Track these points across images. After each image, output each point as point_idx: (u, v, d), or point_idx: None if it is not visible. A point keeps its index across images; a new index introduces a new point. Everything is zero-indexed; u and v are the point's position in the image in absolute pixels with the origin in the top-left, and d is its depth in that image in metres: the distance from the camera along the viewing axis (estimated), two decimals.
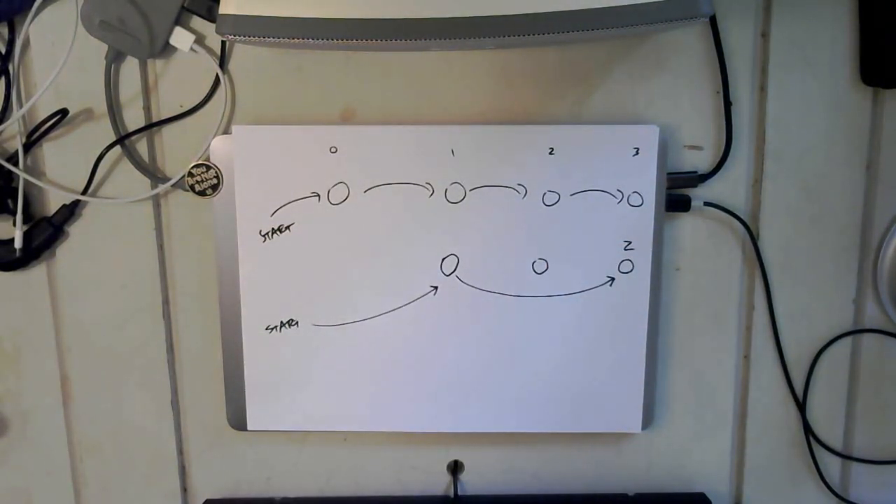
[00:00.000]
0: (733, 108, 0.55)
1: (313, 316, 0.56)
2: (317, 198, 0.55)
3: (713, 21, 0.54)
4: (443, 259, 0.56)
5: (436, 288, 0.56)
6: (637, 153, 0.54)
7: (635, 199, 0.55)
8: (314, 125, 0.55)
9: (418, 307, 0.56)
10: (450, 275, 0.56)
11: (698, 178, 0.56)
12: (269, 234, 0.55)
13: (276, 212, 0.55)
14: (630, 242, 0.55)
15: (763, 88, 0.56)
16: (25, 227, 0.56)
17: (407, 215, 0.55)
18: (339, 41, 0.42)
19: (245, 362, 0.57)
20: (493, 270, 0.56)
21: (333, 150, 0.54)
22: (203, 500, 0.61)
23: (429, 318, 0.56)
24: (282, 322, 0.57)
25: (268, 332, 0.57)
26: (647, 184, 0.54)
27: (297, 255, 0.56)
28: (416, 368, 0.57)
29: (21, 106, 0.54)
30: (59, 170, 0.56)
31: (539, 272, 0.56)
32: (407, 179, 0.55)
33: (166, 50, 0.54)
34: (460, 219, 0.55)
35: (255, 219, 0.55)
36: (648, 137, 0.54)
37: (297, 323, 0.57)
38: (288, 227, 0.55)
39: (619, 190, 0.55)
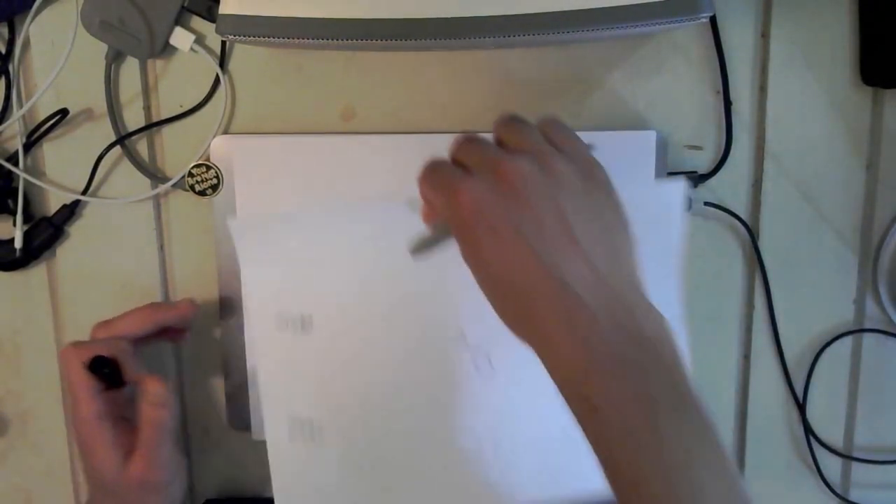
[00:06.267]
0: (733, 108, 0.55)
1: (315, 317, 0.56)
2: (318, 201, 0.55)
3: (713, 21, 0.54)
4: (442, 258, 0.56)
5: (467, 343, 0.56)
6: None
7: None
8: (313, 135, 0.55)
9: (418, 304, 0.56)
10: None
11: (698, 178, 0.56)
12: None
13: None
14: None
15: (763, 88, 0.56)
16: (25, 227, 0.56)
17: (422, 272, 0.55)
18: (339, 41, 0.42)
19: (247, 362, 0.57)
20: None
21: (333, 157, 0.54)
22: (203, 499, 0.61)
23: (465, 375, 0.56)
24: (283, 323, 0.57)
25: (269, 332, 0.56)
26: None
27: (298, 255, 0.55)
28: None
29: (21, 106, 0.54)
30: (59, 170, 0.56)
31: None
32: (408, 187, 0.55)
33: (166, 50, 0.54)
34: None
35: (266, 299, 0.55)
36: (646, 143, 0.54)
37: (298, 323, 0.56)
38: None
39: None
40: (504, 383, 0.53)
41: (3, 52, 0.54)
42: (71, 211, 0.56)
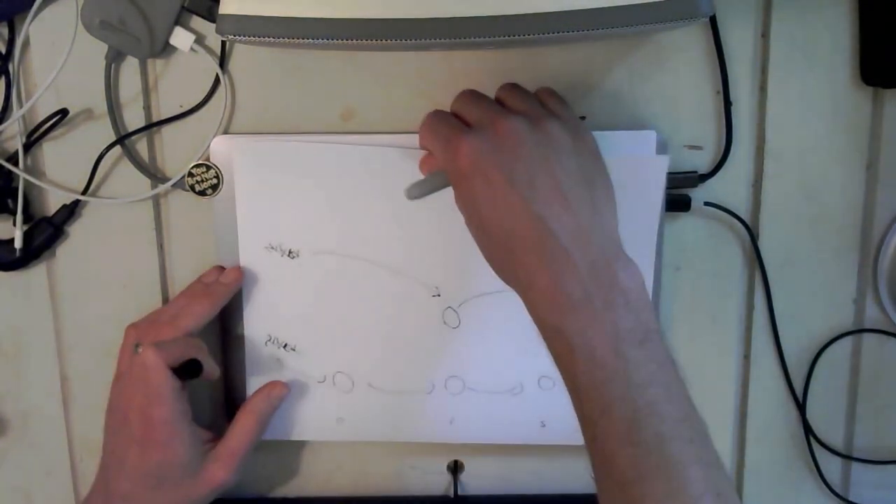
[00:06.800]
0: (733, 108, 0.55)
1: (302, 252, 0.56)
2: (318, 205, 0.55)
3: (713, 21, 0.54)
4: (445, 260, 0.56)
5: (439, 293, 0.56)
6: None
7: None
8: (313, 135, 0.55)
9: (420, 308, 0.56)
10: (452, 275, 0.56)
11: (698, 178, 0.56)
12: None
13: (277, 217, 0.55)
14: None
15: (763, 88, 0.56)
16: (25, 227, 0.56)
17: (408, 217, 0.55)
18: (339, 41, 0.42)
19: (247, 363, 0.57)
20: (493, 272, 0.56)
21: (333, 157, 0.54)
22: None
23: (431, 319, 0.56)
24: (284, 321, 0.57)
25: (258, 253, 0.56)
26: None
27: (292, 191, 0.55)
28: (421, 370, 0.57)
29: (21, 106, 0.54)
30: (59, 170, 0.56)
31: None
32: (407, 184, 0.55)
33: (166, 50, 0.54)
34: (460, 224, 0.55)
35: (256, 220, 0.55)
36: (646, 143, 0.54)
37: (286, 253, 0.56)
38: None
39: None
40: (467, 337, 0.57)
41: (3, 52, 0.54)
42: (71, 211, 0.56)
